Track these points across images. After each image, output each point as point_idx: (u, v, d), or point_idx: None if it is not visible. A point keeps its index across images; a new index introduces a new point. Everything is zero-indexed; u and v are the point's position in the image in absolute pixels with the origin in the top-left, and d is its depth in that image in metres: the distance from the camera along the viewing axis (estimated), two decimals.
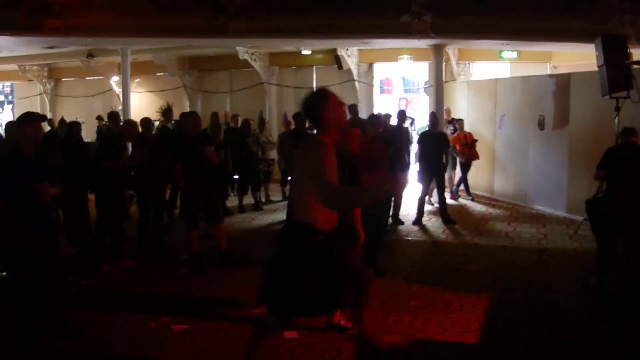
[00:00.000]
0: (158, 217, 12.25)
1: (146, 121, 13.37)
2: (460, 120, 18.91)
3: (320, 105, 5.94)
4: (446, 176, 18.41)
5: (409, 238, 13.98)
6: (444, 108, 19.87)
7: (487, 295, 9.44)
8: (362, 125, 12.59)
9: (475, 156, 18.64)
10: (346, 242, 6.37)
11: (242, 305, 8.95)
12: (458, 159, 18.71)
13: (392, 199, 12.84)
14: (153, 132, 14.23)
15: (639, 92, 12.86)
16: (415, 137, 17.68)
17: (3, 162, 7.51)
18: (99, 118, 24.36)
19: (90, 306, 9.00)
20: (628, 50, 13.35)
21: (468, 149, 18.48)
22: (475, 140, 18.62)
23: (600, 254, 10.07)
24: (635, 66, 13.45)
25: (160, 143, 12.55)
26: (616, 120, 13.10)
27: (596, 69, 13.48)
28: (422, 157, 15.61)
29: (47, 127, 20.05)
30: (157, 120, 18.26)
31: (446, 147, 16.23)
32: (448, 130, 18.88)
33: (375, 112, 17.77)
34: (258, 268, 10.79)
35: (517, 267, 11.48)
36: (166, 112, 17.70)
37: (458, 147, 18.45)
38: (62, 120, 21.11)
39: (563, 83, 16.51)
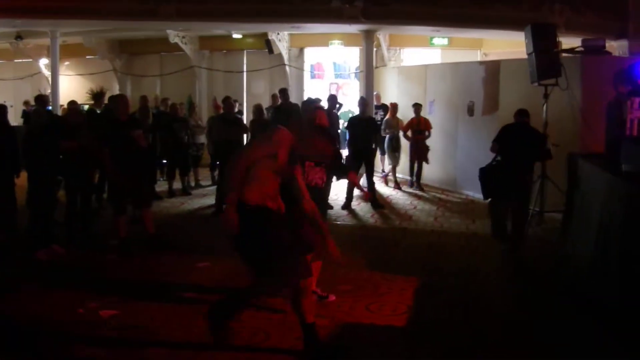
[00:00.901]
0: (86, 202, 12.09)
1: (74, 104, 13.24)
2: (418, 105, 18.32)
3: None
4: (386, 163, 18.51)
5: (338, 222, 14.01)
6: (374, 93, 19.93)
7: (415, 279, 9.50)
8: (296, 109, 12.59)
9: (423, 152, 18.39)
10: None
11: (171, 289, 8.94)
12: (409, 146, 18.55)
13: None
14: None
15: (567, 79, 13.06)
16: (341, 123, 17.56)
17: None
18: (26, 102, 24.07)
19: (17, 292, 8.84)
20: (557, 39, 13.56)
21: (421, 135, 18.28)
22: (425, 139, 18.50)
23: (491, 214, 11.71)
24: (563, 54, 13.71)
25: (91, 126, 12.40)
26: (544, 107, 13.30)
27: (526, 56, 13.66)
28: (352, 142, 15.66)
29: None
30: (85, 104, 18.06)
31: (375, 131, 16.26)
32: (378, 116, 18.88)
33: (310, 97, 17.75)
34: (186, 252, 10.90)
35: (445, 251, 11.60)
36: (97, 96, 17.53)
37: (410, 133, 18.34)
38: None
39: (493, 70, 16.71)
